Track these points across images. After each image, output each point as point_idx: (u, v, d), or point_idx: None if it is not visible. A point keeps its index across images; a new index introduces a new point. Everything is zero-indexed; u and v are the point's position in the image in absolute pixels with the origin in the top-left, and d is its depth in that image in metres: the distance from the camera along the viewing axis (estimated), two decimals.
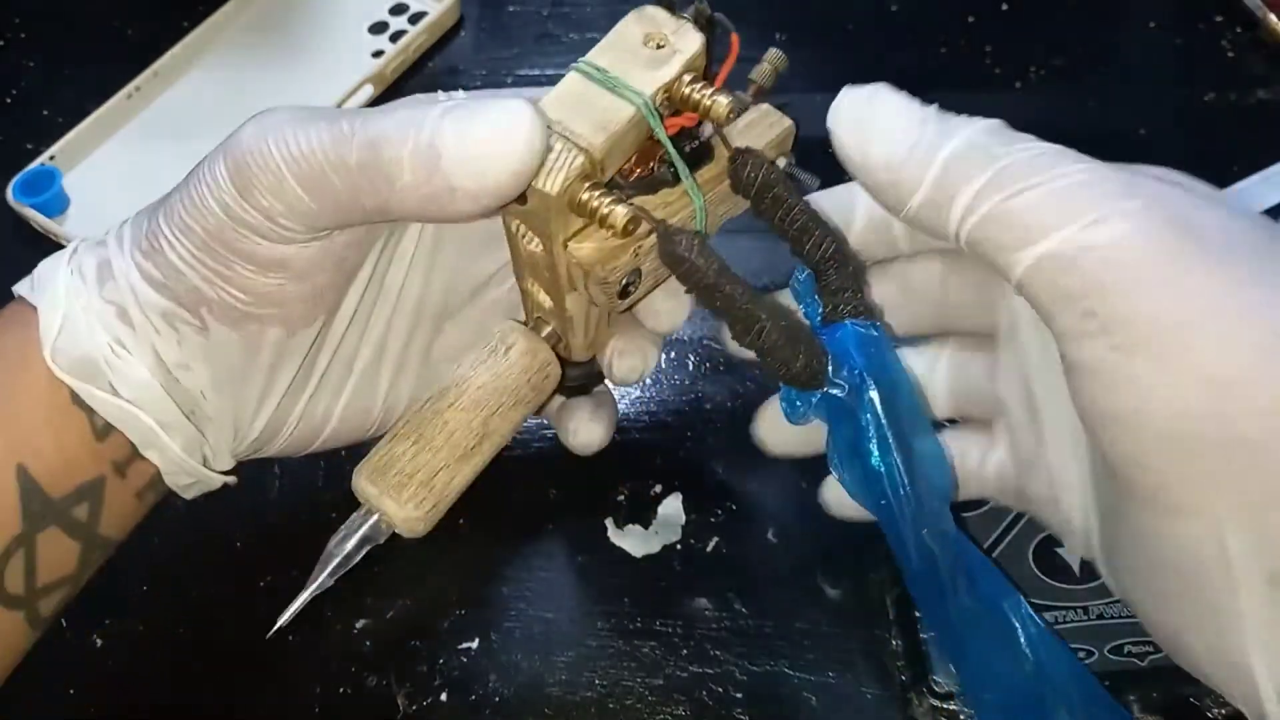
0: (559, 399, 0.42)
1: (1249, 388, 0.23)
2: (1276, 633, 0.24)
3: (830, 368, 0.33)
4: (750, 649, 0.42)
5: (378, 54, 0.60)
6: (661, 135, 0.31)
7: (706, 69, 0.32)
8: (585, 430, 0.41)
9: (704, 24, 0.32)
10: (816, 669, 0.41)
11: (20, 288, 0.35)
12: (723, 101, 0.31)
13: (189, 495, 0.37)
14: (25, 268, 0.55)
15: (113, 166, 0.57)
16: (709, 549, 0.44)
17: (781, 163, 0.34)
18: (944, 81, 0.58)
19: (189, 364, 0.34)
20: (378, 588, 0.44)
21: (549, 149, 0.29)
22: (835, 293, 0.34)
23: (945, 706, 0.39)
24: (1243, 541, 0.23)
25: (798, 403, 0.34)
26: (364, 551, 0.36)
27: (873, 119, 0.29)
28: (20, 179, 0.54)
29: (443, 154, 0.28)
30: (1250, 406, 0.23)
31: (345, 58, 0.60)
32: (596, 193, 0.30)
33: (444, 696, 0.41)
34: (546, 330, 0.37)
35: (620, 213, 0.30)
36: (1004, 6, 0.62)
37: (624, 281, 0.33)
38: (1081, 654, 0.37)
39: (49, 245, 0.55)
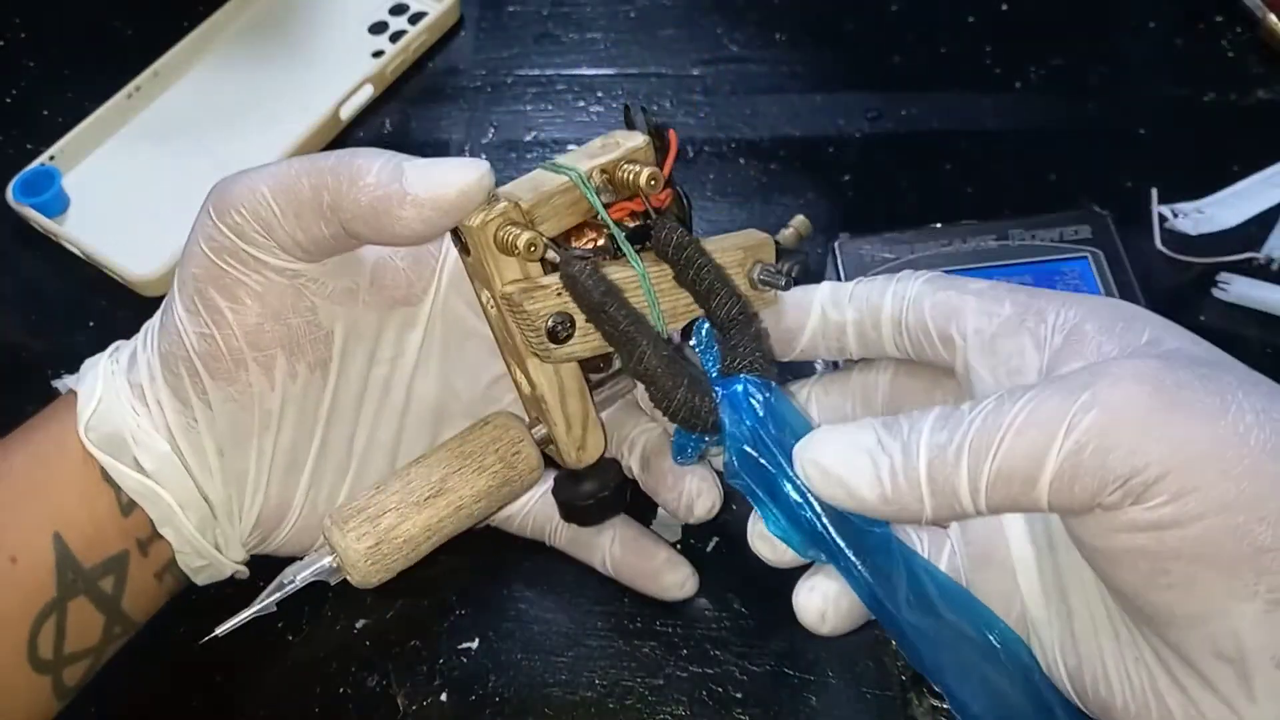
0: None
1: (1257, 498, 0.26)
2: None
3: (726, 420, 0.34)
4: (750, 649, 0.42)
5: (378, 54, 0.60)
6: (593, 200, 0.35)
7: (669, 178, 0.36)
8: (702, 496, 0.40)
9: (652, 132, 0.37)
10: (816, 669, 0.41)
11: (68, 381, 0.39)
12: (645, 173, 0.35)
13: (201, 580, 0.40)
14: (25, 268, 0.55)
15: (113, 166, 0.57)
16: (709, 549, 0.44)
17: (757, 270, 0.37)
18: (944, 81, 0.58)
19: (196, 424, 0.37)
20: (378, 588, 0.44)
21: (491, 204, 0.34)
22: (734, 348, 0.35)
23: (945, 706, 0.39)
24: (1261, 633, 0.26)
25: (688, 447, 0.36)
26: (308, 582, 0.37)
27: (838, 472, 0.30)
28: (20, 179, 0.54)
29: (406, 171, 0.34)
30: (1260, 513, 0.26)
31: (345, 58, 0.60)
32: (515, 229, 0.34)
33: (444, 696, 0.41)
34: (539, 429, 0.39)
35: (525, 236, 0.34)
36: (1004, 6, 0.62)
37: (551, 323, 0.35)
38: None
39: (49, 245, 0.55)
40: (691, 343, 0.36)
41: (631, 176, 0.35)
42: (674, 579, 0.42)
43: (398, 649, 0.43)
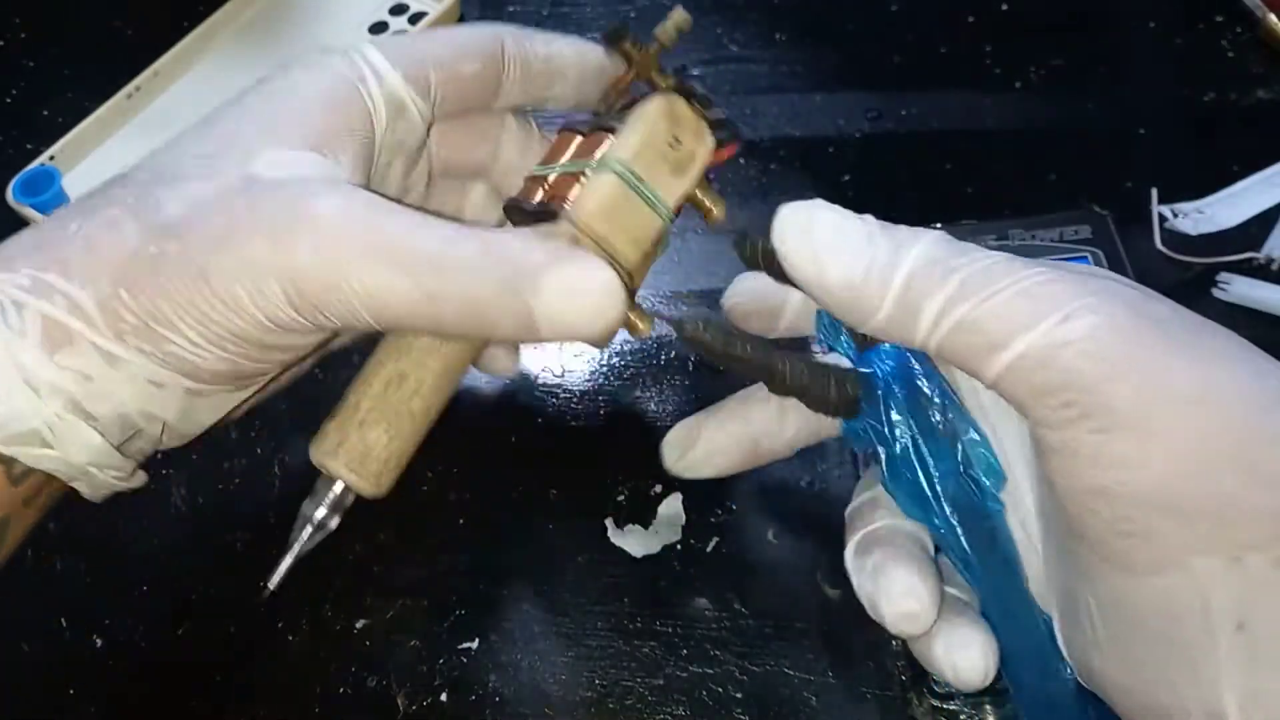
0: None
1: (1225, 449, 0.25)
2: (1245, 676, 0.25)
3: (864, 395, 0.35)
4: (750, 649, 0.42)
5: None
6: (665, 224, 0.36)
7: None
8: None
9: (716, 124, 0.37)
10: (816, 669, 0.41)
11: None
12: (715, 212, 0.37)
13: (96, 497, 0.35)
14: None
15: (113, 166, 0.57)
16: (709, 549, 0.44)
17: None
18: (944, 81, 0.58)
19: (156, 414, 0.33)
20: (378, 588, 0.44)
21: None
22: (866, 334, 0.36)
23: (945, 706, 0.39)
24: (1222, 590, 0.25)
25: (859, 433, 0.36)
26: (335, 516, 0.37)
27: (821, 239, 0.30)
28: (20, 179, 0.54)
29: (536, 316, 0.31)
30: (1228, 465, 0.25)
31: None
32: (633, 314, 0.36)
33: (444, 696, 0.41)
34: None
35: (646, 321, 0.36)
36: (1004, 6, 0.62)
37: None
38: (1003, 480, 0.37)
39: None
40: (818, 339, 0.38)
41: (704, 201, 0.37)
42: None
43: (398, 649, 0.43)
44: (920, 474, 0.34)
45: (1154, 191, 0.52)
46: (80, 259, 0.31)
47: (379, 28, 0.61)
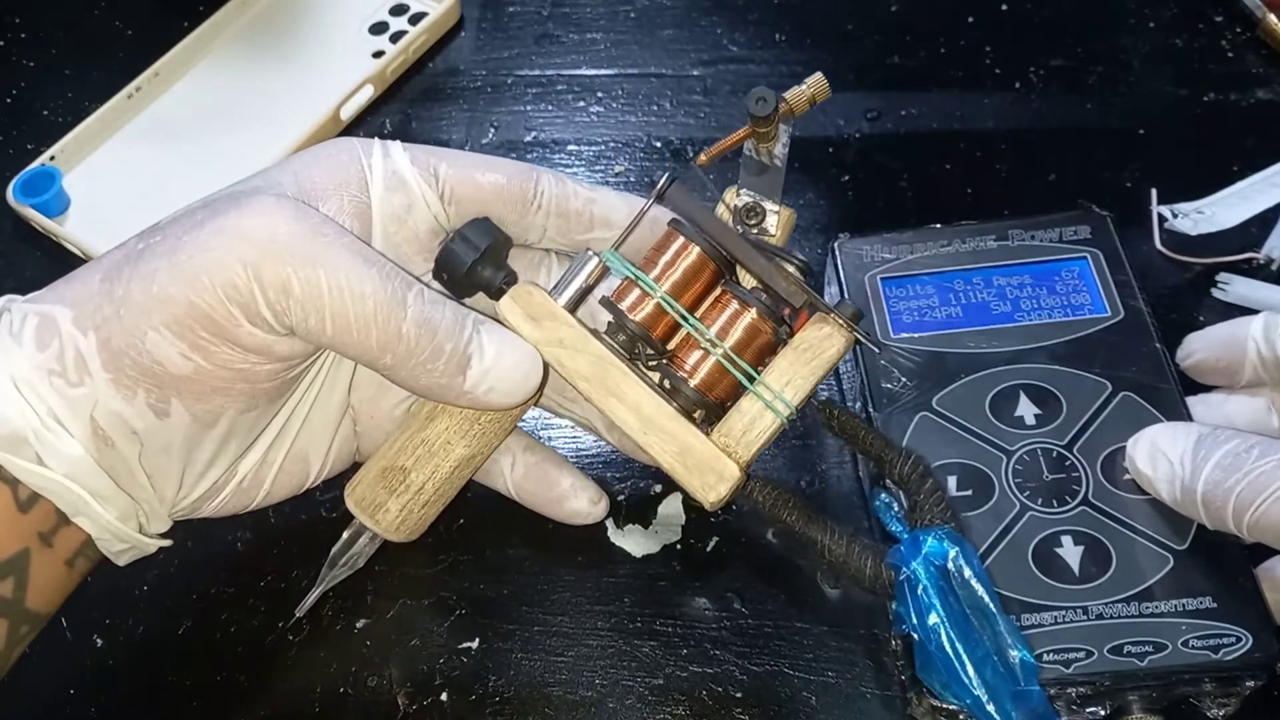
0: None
1: None
2: None
3: (921, 572, 0.36)
4: (750, 649, 0.42)
5: (378, 54, 0.60)
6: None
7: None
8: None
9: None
10: (816, 669, 0.41)
11: None
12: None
13: (123, 562, 0.37)
14: (25, 268, 0.55)
15: (113, 166, 0.57)
16: (709, 549, 0.44)
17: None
18: (944, 81, 0.58)
19: (136, 431, 0.33)
20: (378, 588, 0.44)
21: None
22: (914, 508, 0.38)
23: (945, 706, 0.39)
24: None
25: (903, 622, 0.37)
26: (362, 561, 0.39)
27: (1147, 471, 0.38)
28: (20, 179, 0.54)
29: (471, 367, 0.35)
30: None
31: (345, 58, 0.60)
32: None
33: (444, 696, 0.41)
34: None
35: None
36: (1004, 6, 0.62)
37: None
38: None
39: (49, 245, 0.55)
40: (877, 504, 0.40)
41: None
42: (576, 506, 0.42)
43: (398, 649, 0.43)
44: (955, 665, 0.35)
45: (1154, 191, 0.52)
46: (82, 271, 0.34)
47: (379, 28, 0.61)
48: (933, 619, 0.35)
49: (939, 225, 0.47)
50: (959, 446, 0.42)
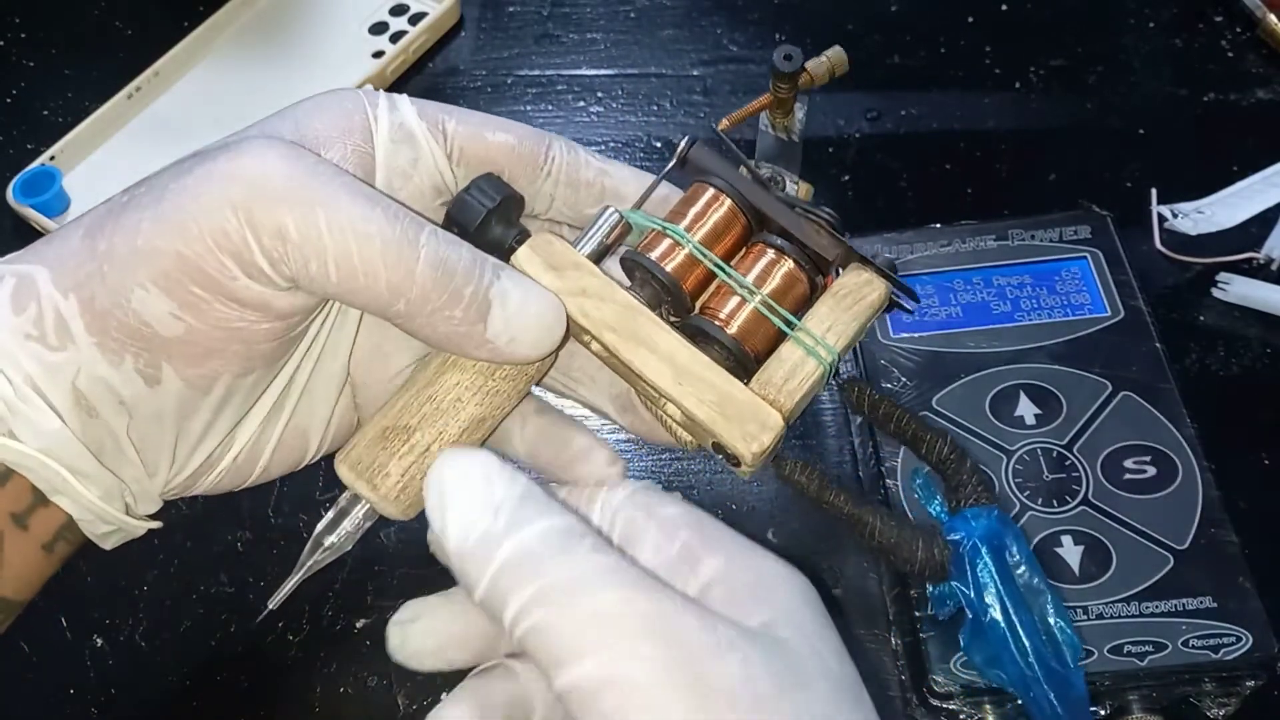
0: None
1: None
2: None
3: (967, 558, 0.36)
4: None
5: (378, 54, 0.60)
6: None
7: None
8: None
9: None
10: None
11: None
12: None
13: (108, 545, 0.34)
14: None
15: (113, 166, 0.57)
16: None
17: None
18: (944, 81, 0.58)
19: (124, 400, 0.31)
20: (378, 587, 0.44)
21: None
22: (956, 488, 0.38)
23: (945, 706, 0.39)
24: None
25: (948, 601, 0.37)
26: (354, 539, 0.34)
27: (453, 499, 0.28)
28: (20, 179, 0.54)
29: (493, 310, 0.31)
30: None
31: (345, 58, 0.60)
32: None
33: (444, 696, 0.41)
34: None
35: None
36: (1004, 7, 0.62)
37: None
38: (1081, 654, 0.37)
39: None
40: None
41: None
42: (592, 467, 0.35)
43: None
44: (1009, 639, 0.35)
45: (1154, 191, 0.52)
46: (63, 229, 0.32)
47: (379, 28, 0.61)
48: (989, 595, 0.35)
49: (939, 225, 0.48)
50: None
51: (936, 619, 0.38)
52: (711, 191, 0.35)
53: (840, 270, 0.35)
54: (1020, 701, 0.36)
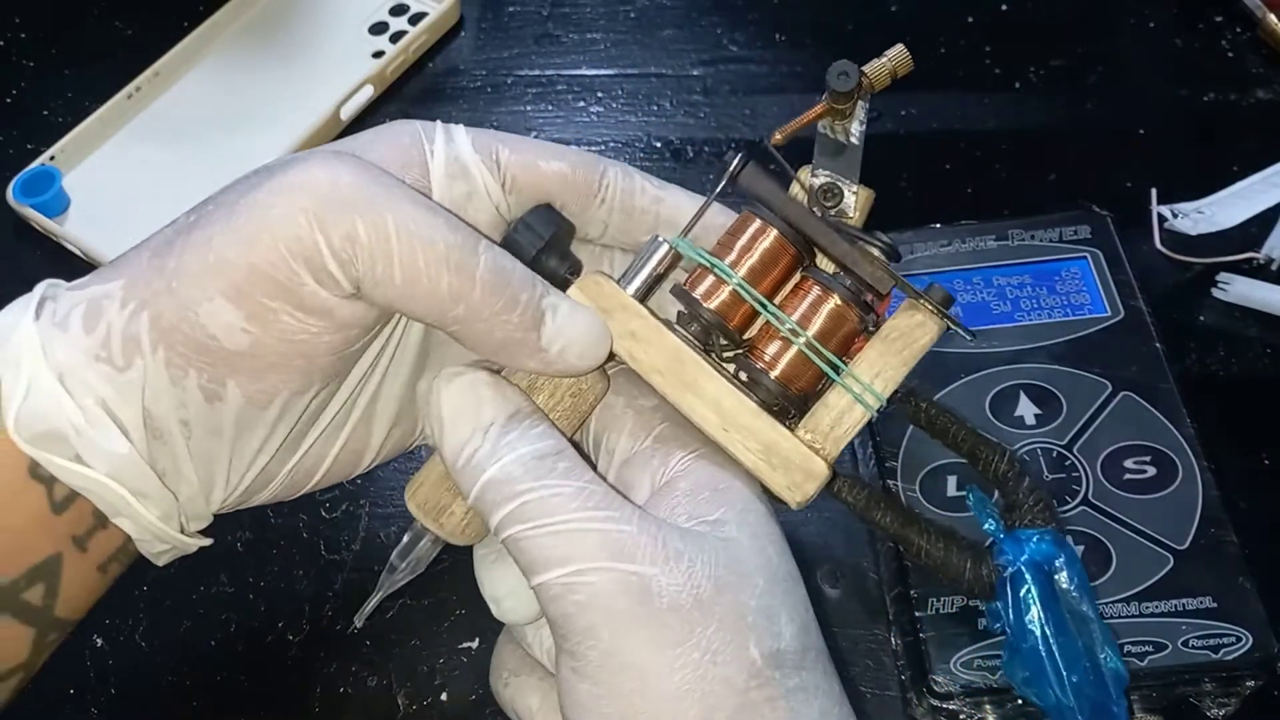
0: None
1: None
2: None
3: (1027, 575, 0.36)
4: None
5: (378, 54, 0.60)
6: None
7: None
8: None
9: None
10: None
11: None
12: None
13: (162, 562, 0.35)
14: (25, 268, 0.54)
15: (113, 166, 0.57)
16: None
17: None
18: (944, 81, 0.58)
19: (187, 419, 0.32)
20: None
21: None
22: (1012, 507, 0.38)
23: (945, 706, 0.39)
24: None
25: (998, 619, 0.37)
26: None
27: (449, 422, 0.32)
28: (20, 179, 0.54)
29: (546, 320, 0.32)
30: None
31: (345, 58, 0.60)
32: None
33: (444, 696, 0.41)
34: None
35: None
36: (1004, 7, 0.62)
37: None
38: (1126, 684, 0.37)
39: (49, 245, 0.55)
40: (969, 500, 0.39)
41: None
42: None
43: (398, 649, 0.43)
44: (1047, 665, 0.35)
45: (1154, 191, 0.52)
46: (129, 252, 0.33)
47: (379, 28, 0.61)
48: (1030, 618, 0.35)
49: (939, 225, 0.48)
50: None
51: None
52: (759, 223, 0.35)
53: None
54: (1021, 701, 0.36)
